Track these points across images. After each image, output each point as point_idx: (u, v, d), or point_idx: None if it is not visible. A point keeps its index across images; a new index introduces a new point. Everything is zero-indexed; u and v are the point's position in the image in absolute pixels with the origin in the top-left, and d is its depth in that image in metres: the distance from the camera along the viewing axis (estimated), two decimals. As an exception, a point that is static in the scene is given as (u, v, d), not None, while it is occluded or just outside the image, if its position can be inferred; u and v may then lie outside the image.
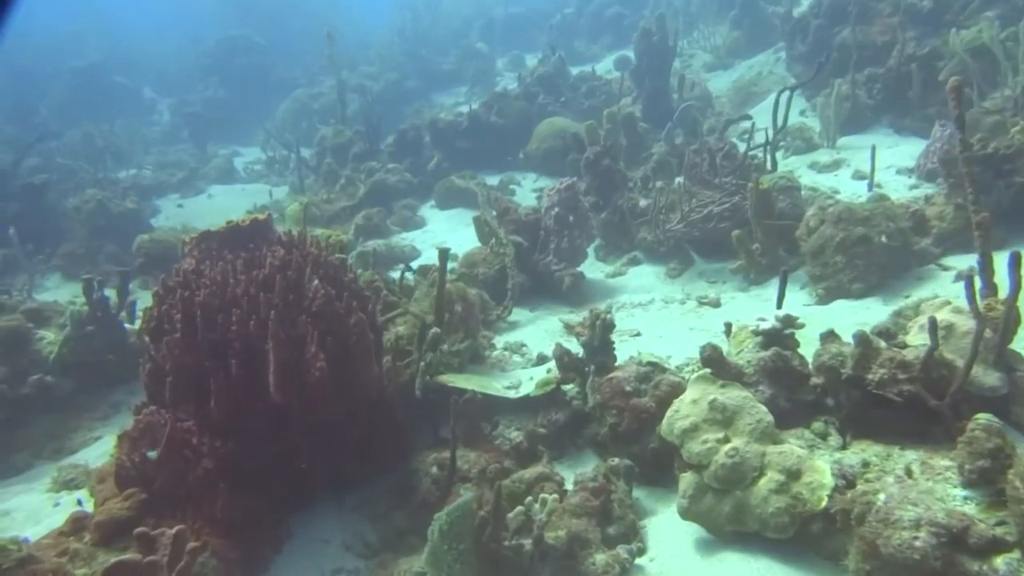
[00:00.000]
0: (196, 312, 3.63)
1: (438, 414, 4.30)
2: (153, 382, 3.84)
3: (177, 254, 7.74)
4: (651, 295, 6.44)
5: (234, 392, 3.60)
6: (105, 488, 3.84)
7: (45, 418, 5.96)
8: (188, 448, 3.61)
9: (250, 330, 3.59)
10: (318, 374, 3.60)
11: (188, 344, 3.64)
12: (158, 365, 3.85)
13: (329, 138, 12.51)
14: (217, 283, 3.68)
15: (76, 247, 11.66)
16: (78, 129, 21.17)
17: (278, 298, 3.68)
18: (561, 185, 6.73)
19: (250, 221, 3.84)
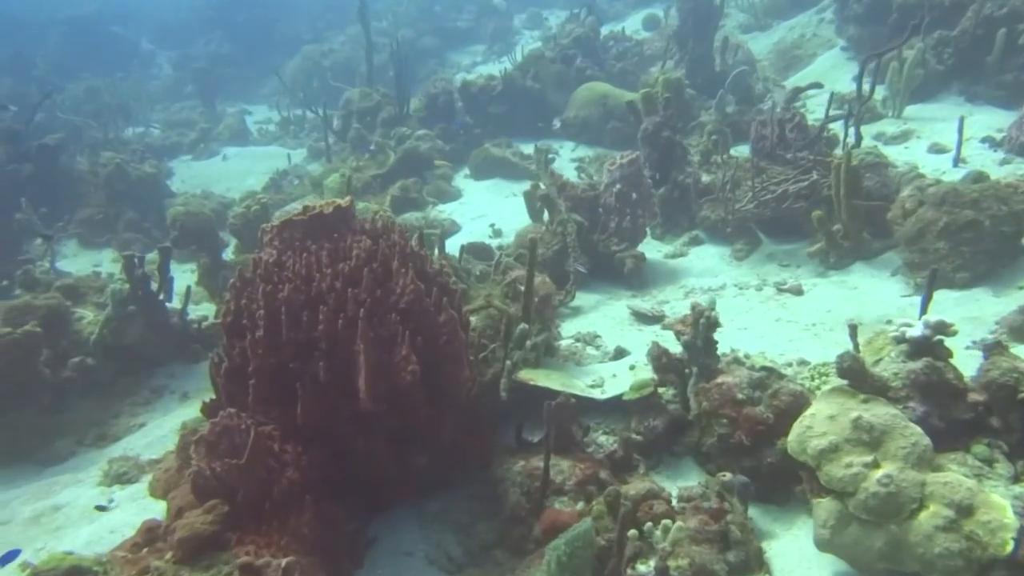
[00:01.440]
0: (280, 309, 3.40)
1: (520, 414, 4.09)
2: (230, 382, 3.63)
3: (212, 227, 7.55)
4: (720, 279, 6.20)
5: (321, 396, 3.39)
6: (179, 496, 3.64)
7: (86, 402, 5.77)
8: (272, 456, 3.40)
9: (338, 329, 3.36)
10: (409, 378, 3.39)
11: (272, 344, 3.42)
12: (235, 364, 3.63)
13: (355, 101, 12.16)
14: (302, 277, 3.45)
15: (93, 213, 11.42)
16: (79, 83, 20.73)
17: (366, 294, 3.45)
18: (623, 159, 6.45)
19: (333, 208, 3.59)
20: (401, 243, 3.71)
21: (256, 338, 3.38)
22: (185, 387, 6.12)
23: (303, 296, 3.44)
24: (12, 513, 4.72)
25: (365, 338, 3.34)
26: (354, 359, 3.38)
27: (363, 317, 3.34)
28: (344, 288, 3.43)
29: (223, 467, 3.35)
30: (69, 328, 5.76)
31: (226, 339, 3.70)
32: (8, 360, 5.02)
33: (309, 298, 3.45)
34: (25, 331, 5.05)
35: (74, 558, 2.95)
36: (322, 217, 3.61)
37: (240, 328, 3.63)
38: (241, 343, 3.64)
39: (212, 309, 7.11)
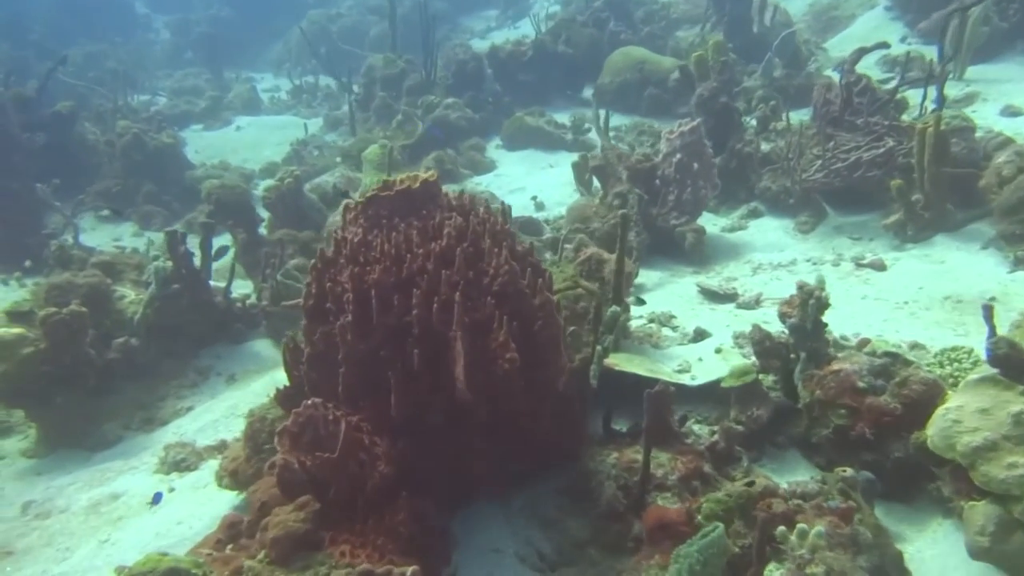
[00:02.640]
0: (370, 292, 3.22)
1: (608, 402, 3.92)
2: (313, 369, 3.46)
3: (247, 201, 7.34)
4: (787, 254, 6.01)
5: (413, 386, 3.22)
6: (261, 489, 3.50)
7: (130, 385, 5.62)
8: (362, 450, 3.24)
9: (432, 314, 3.18)
10: (507, 366, 3.21)
11: (362, 329, 3.24)
12: (317, 350, 3.46)
13: (379, 68, 11.88)
14: (392, 257, 3.26)
15: (110, 185, 11.20)
16: (77, 48, 20.32)
17: (459, 275, 3.27)
18: (684, 127, 6.23)
19: (420, 183, 3.39)
20: (491, 220, 3.51)
21: (345, 323, 3.20)
22: (231, 368, 5.97)
23: (393, 278, 3.26)
24: (68, 501, 4.58)
25: (461, 323, 3.15)
26: (449, 346, 3.20)
27: (459, 300, 3.16)
28: (437, 269, 3.24)
29: (314, 461, 3.19)
30: (111, 307, 5.59)
31: (307, 323, 3.52)
32: (55, 341, 4.85)
33: (400, 280, 3.27)
34: (71, 311, 4.87)
35: (171, 559, 2.80)
36: (409, 193, 3.41)
37: (323, 312, 3.46)
38: (323, 328, 3.47)
39: (249, 287, 6.94)
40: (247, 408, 5.40)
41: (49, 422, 5.14)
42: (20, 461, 5.21)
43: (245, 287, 6.95)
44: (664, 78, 10.35)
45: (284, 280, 6.09)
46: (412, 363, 3.19)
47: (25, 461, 5.21)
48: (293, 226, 7.59)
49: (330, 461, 3.16)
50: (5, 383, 4.73)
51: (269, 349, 6.23)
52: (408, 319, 3.25)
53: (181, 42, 23.70)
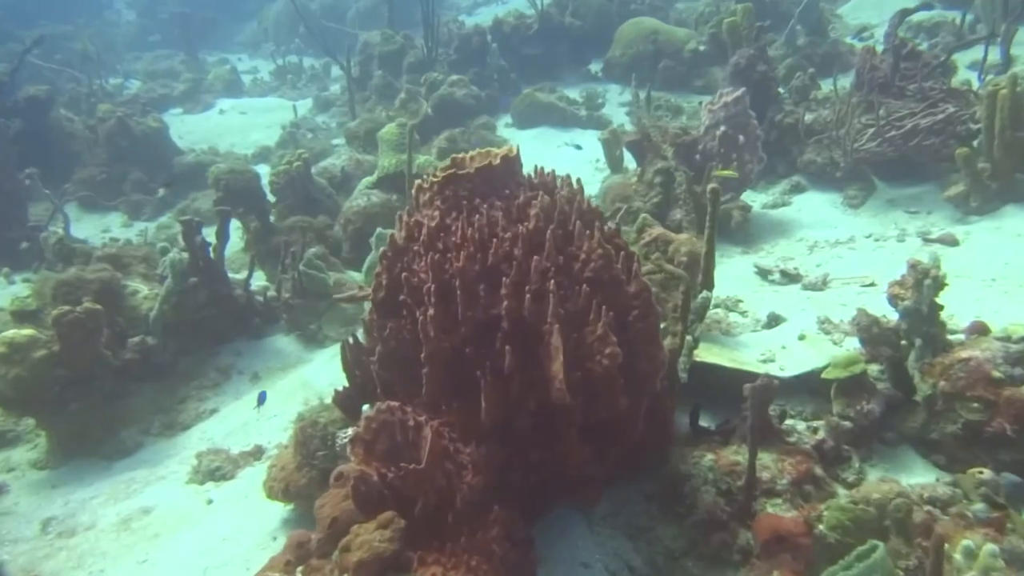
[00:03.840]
0: (454, 282, 2.92)
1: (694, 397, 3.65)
2: (386, 370, 3.16)
3: (257, 186, 6.97)
4: (841, 230, 5.77)
5: (504, 387, 2.92)
6: (330, 503, 3.21)
7: (147, 387, 5.29)
8: (448, 459, 2.95)
9: (523, 305, 2.89)
10: (607, 363, 2.92)
11: (445, 324, 2.94)
12: (389, 348, 3.16)
13: (376, 45, 11.48)
14: (476, 243, 2.96)
15: (95, 172, 10.76)
16: (38, 30, 19.58)
17: (549, 261, 2.97)
18: (728, 97, 5.95)
19: (501, 159, 3.09)
20: (576, 198, 3.22)
21: (428, 318, 2.90)
22: (253, 366, 5.65)
23: (478, 266, 2.95)
24: (94, 517, 4.26)
25: (556, 316, 2.86)
26: (542, 341, 2.91)
27: (554, 290, 2.87)
28: (526, 255, 2.95)
29: (396, 473, 2.90)
30: (124, 304, 5.24)
31: (377, 318, 3.22)
32: (71, 343, 4.50)
33: (485, 269, 2.97)
34: (86, 309, 4.52)
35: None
36: (490, 170, 3.10)
37: (395, 306, 3.15)
38: (396, 323, 3.17)
39: (263, 278, 6.60)
40: (278, 409, 5.13)
41: (62, 430, 4.80)
42: (31, 473, 4.87)
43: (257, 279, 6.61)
44: (679, 49, 10.07)
45: (307, 271, 5.76)
46: (503, 361, 2.90)
47: (37, 473, 4.87)
48: (302, 212, 7.25)
49: (416, 473, 2.86)
50: (17, 389, 4.38)
51: (291, 345, 5.91)
52: (495, 312, 2.95)
53: (148, 24, 23.06)
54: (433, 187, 3.12)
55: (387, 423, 3.08)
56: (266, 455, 4.60)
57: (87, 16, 23.10)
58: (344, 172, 8.28)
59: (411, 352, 3.18)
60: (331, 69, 17.40)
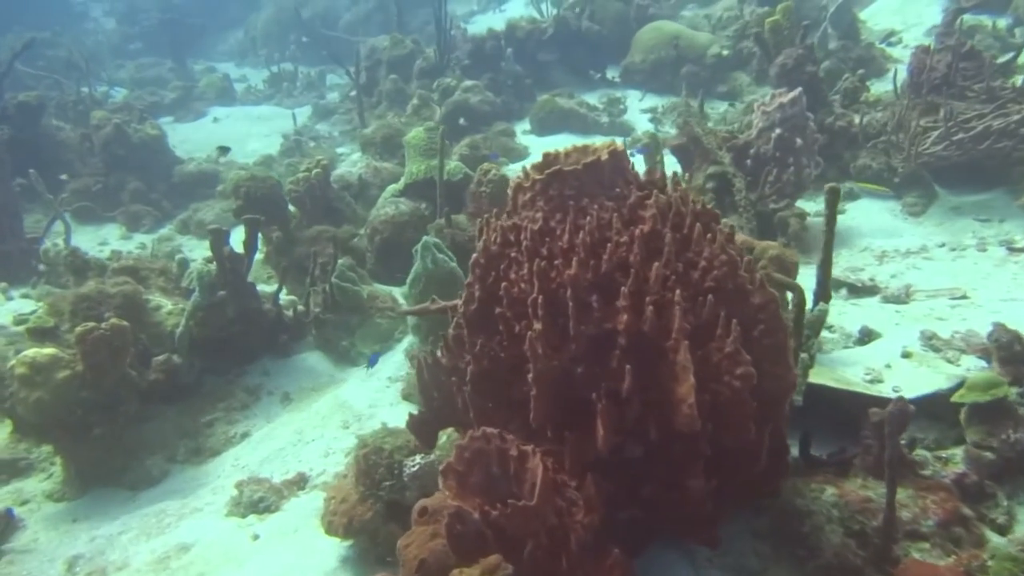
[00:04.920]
0: (564, 293, 2.63)
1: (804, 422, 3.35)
2: (480, 392, 2.86)
3: (279, 194, 6.65)
4: (906, 239, 5.54)
5: (622, 411, 2.63)
6: (416, 543, 2.88)
7: (171, 409, 4.96)
8: (557, 494, 2.64)
9: (643, 319, 2.60)
10: (738, 384, 2.63)
11: (554, 340, 2.64)
12: (482, 367, 2.87)
13: (385, 49, 11.20)
14: (587, 248, 2.67)
15: (90, 183, 10.39)
16: (14, 36, 19.16)
17: (669, 269, 2.69)
18: (784, 98, 5.70)
19: (609, 153, 2.80)
20: (689, 197, 2.94)
21: (536, 333, 2.60)
22: (283, 386, 5.33)
23: (590, 274, 2.66)
24: (125, 554, 3.91)
25: (683, 330, 2.57)
26: (664, 359, 2.62)
27: (679, 302, 2.58)
28: (645, 261, 2.66)
29: (503, 510, 2.58)
30: (147, 319, 4.90)
31: (468, 333, 2.92)
32: (95, 362, 4.16)
33: (597, 277, 2.67)
34: (113, 325, 4.19)
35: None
36: (598, 167, 2.82)
37: (490, 319, 2.86)
38: (490, 339, 2.87)
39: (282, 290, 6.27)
40: (315, 433, 4.80)
41: (83, 457, 4.45)
42: (48, 505, 4.52)
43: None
44: (701, 54, 9.86)
45: (340, 283, 5.45)
46: (620, 382, 2.60)
47: (53, 505, 4.52)
48: (321, 221, 6.95)
49: (526, 510, 2.55)
50: (39, 414, 4.03)
51: (322, 363, 5.60)
52: (609, 326, 2.65)
53: (129, 32, 22.68)
54: (535, 186, 2.83)
55: (482, 452, 2.77)
56: (310, 484, 4.27)
57: (63, 24, 22.70)
58: (362, 180, 7.98)
59: (507, 372, 2.89)
60: (326, 77, 17.15)
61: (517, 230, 2.84)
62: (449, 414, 3.31)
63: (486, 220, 3.01)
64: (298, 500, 4.11)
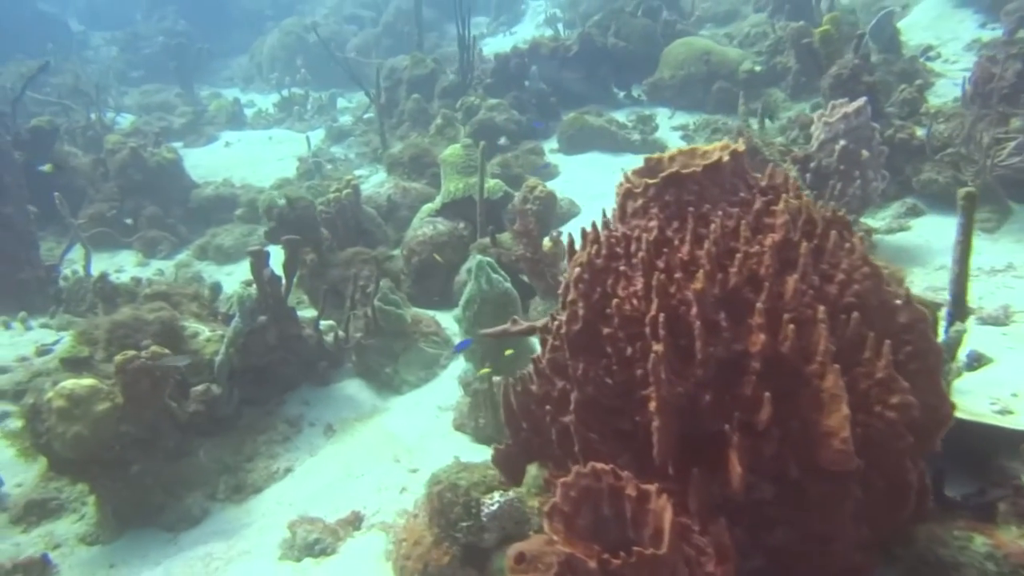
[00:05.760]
0: (689, 310, 2.35)
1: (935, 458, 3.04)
2: (586, 423, 2.58)
3: (313, 215, 6.39)
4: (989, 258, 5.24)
5: (758, 446, 2.34)
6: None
7: (209, 443, 4.65)
8: (685, 541, 2.35)
9: (781, 340, 2.32)
10: (893, 415, 2.35)
11: (678, 365, 2.36)
12: (587, 395, 2.58)
13: (406, 69, 11.01)
14: (712, 258, 2.39)
15: (104, 208, 10.15)
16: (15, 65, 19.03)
17: (806, 283, 2.41)
18: (848, 108, 5.46)
19: (728, 154, 2.54)
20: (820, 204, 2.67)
21: (658, 356, 2.31)
22: (325, 417, 5.04)
23: (717, 289, 2.39)
24: (171, 606, 3.60)
25: (828, 353, 2.29)
26: (807, 385, 2.33)
27: (823, 319, 2.30)
28: (779, 274, 2.38)
29: (626, 559, 2.28)
30: (184, 347, 4.61)
31: (570, 356, 2.63)
32: (135, 393, 3.88)
33: (725, 292, 2.40)
34: (153, 352, 3.91)
35: None
36: (718, 169, 2.55)
37: (596, 341, 2.57)
38: (595, 363, 2.59)
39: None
40: (364, 467, 4.51)
41: (119, 496, 4.16)
42: (81, 549, 4.22)
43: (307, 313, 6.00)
44: (733, 70, 9.66)
45: (383, 306, 5.18)
46: (756, 412, 2.31)
47: (87, 549, 4.22)
48: (353, 243, 6.70)
49: (654, 560, 2.24)
50: (77, 450, 3.75)
51: (363, 391, 5.32)
52: (739, 347, 2.37)
53: (132, 59, 22.60)
54: (648, 191, 2.56)
55: (590, 491, 2.47)
56: (366, 523, 3.97)
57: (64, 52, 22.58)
58: (391, 200, 7.74)
59: (615, 400, 2.60)
60: (337, 100, 17.01)
61: (627, 241, 2.57)
62: (538, 447, 3.04)
63: (582, 231, 2.74)
64: (355, 541, 3.81)
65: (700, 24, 13.02)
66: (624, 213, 2.64)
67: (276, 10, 25.06)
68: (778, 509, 2.46)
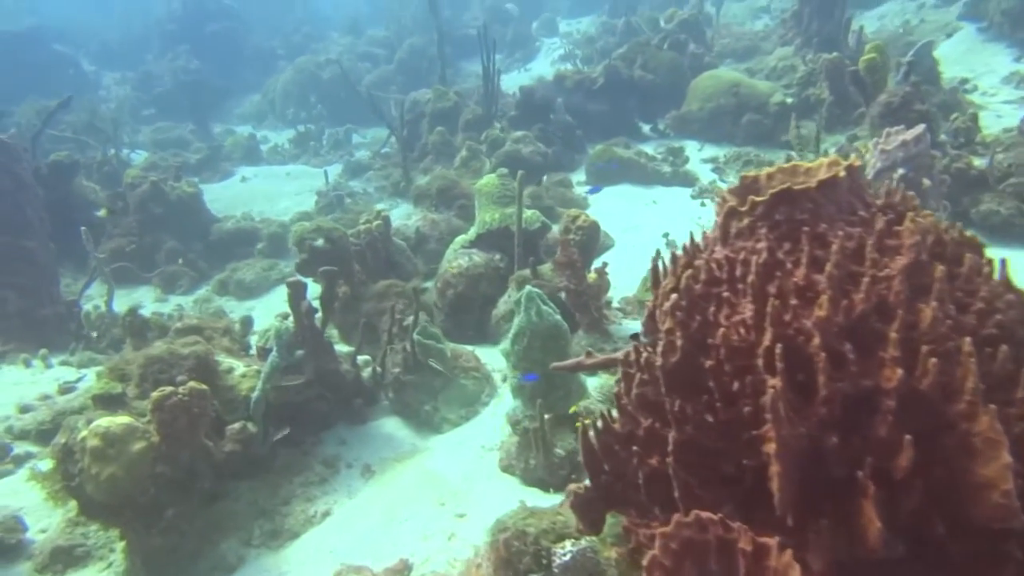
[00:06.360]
0: (809, 341, 2.11)
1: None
2: (685, 467, 2.32)
3: (347, 247, 6.18)
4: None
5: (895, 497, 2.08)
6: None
7: (243, 485, 4.39)
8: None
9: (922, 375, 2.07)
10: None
11: (797, 403, 2.12)
12: (687, 436, 2.33)
13: (428, 102, 10.88)
14: (836, 284, 2.16)
15: (123, 243, 9.95)
16: (29, 104, 19.02)
17: (942, 311, 2.17)
18: (906, 135, 5.26)
19: (845, 169, 2.32)
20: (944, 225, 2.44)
21: (778, 391, 2.07)
22: (362, 457, 4.78)
23: (841, 317, 2.14)
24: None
25: (978, 390, 2.04)
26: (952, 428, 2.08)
27: (970, 351, 2.05)
28: (911, 301, 2.14)
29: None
30: (219, 382, 4.37)
31: (666, 392, 2.38)
32: (172, 432, 3.64)
33: (849, 321, 2.15)
34: (192, 389, 3.67)
35: None
36: (834, 185, 2.32)
37: (697, 374, 2.33)
38: (695, 399, 2.34)
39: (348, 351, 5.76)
40: (407, 511, 4.24)
41: (151, 543, 3.88)
42: (110, 601, 3.94)
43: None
44: (763, 103, 9.50)
45: (423, 340, 4.94)
46: (893, 457, 2.05)
47: (116, 601, 3.94)
48: (383, 276, 6.47)
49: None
50: (111, 493, 3.49)
51: (401, 429, 5.07)
52: (868, 383, 2.12)
53: (143, 98, 22.62)
54: (755, 209, 2.33)
55: (694, 544, 2.21)
56: (415, 572, 3.69)
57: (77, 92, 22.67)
58: (419, 233, 7.53)
59: (719, 441, 2.35)
60: (352, 136, 16.94)
61: (730, 264, 2.34)
62: (620, 492, 2.77)
63: (672, 256, 2.51)
64: (407, 592, 3.53)
65: (720, 60, 12.95)
66: (727, 234, 2.41)
67: (288, 49, 25.16)
68: (917, 571, 2.19)
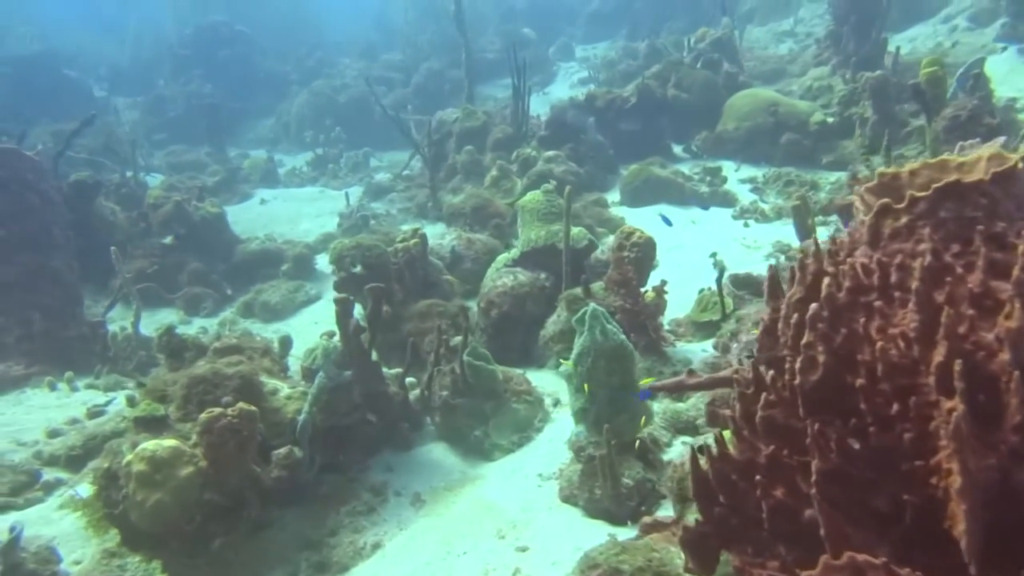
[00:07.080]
0: (990, 358, 1.84)
1: None
2: (831, 500, 2.04)
3: (387, 265, 5.93)
4: None
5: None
6: None
7: (289, 513, 4.11)
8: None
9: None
10: None
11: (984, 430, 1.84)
12: (832, 464, 2.06)
13: (456, 122, 10.69)
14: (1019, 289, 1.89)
15: (145, 265, 9.70)
16: (42, 128, 18.87)
17: None
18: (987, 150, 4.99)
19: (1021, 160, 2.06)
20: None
21: (959, 418, 1.79)
22: (411, 485, 4.50)
23: (1009, 330, 1.87)
24: None
25: None
26: None
27: None
28: (1096, 312, 1.87)
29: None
30: (264, 404, 4.10)
31: (804, 414, 2.11)
32: (220, 456, 3.38)
33: (1019, 334, 1.88)
34: (241, 411, 3.41)
35: None
36: (1012, 178, 2.06)
37: (843, 395, 2.06)
38: (841, 423, 2.06)
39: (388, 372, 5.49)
40: (467, 545, 3.95)
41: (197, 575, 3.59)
42: (148, 639, 3.64)
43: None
44: (803, 122, 9.27)
45: (473, 362, 4.67)
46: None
47: (154, 639, 3.63)
48: (421, 296, 6.22)
49: None
50: (156, 521, 3.22)
51: (448, 456, 4.79)
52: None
53: (154, 122, 22.53)
54: (915, 206, 2.07)
55: (851, 585, 1.93)
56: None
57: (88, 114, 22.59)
58: (455, 252, 7.29)
59: (869, 471, 2.07)
60: (369, 159, 16.77)
61: (883, 269, 2.07)
62: (738, 526, 2.48)
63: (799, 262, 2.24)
64: (474, 633, 3.24)
65: (747, 84, 12.77)
66: (878, 235, 2.14)
67: (301, 74, 25.07)
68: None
